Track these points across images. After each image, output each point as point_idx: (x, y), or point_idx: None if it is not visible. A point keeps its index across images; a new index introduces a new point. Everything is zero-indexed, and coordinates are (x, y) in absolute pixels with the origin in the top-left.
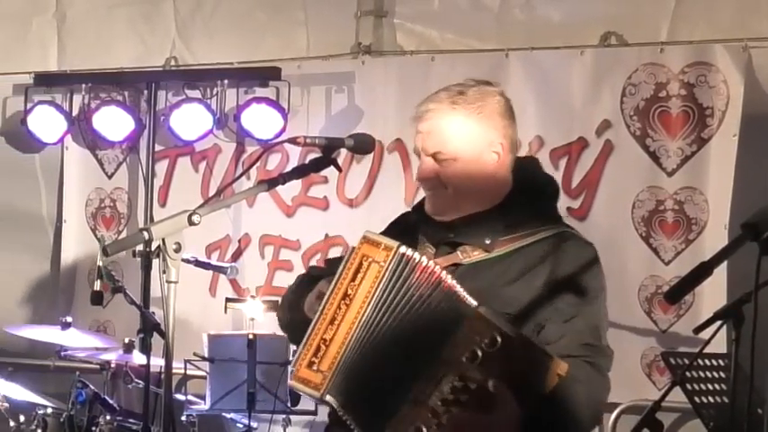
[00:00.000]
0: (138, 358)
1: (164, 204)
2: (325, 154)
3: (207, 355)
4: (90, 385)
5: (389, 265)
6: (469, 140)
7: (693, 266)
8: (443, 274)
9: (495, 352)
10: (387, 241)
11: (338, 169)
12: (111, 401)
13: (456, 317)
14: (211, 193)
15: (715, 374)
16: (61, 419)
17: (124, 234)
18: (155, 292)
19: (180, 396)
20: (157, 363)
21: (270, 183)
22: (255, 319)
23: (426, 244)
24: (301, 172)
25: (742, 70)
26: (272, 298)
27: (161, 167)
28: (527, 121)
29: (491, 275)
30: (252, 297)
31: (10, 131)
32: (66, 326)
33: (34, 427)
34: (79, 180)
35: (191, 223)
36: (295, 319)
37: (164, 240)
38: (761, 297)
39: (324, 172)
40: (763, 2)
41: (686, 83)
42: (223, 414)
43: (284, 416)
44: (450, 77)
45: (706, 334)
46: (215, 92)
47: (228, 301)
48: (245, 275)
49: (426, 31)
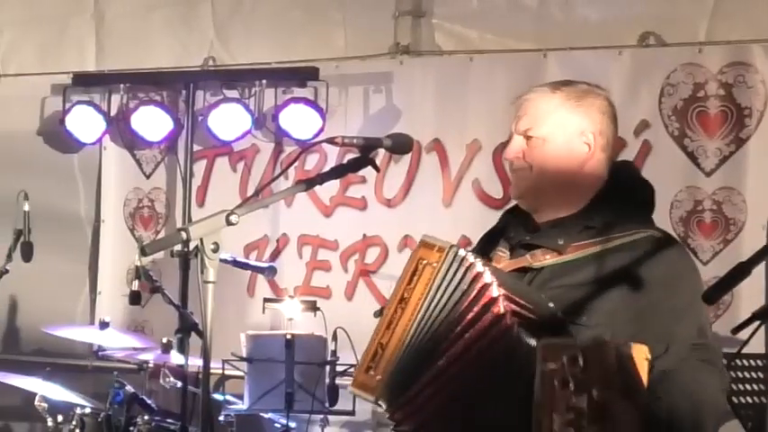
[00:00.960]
0: (176, 358)
1: (202, 204)
2: (363, 154)
3: (245, 355)
4: (128, 385)
5: (442, 266)
6: (561, 124)
7: (731, 267)
8: (487, 281)
9: (582, 368)
10: (441, 243)
11: (376, 169)
12: (148, 401)
13: (523, 354)
14: (249, 193)
15: (753, 375)
16: (99, 419)
17: (162, 234)
18: (193, 292)
19: (218, 396)
20: (195, 363)
21: (308, 183)
22: (293, 319)
23: (500, 249)
24: (339, 172)
25: None
26: (310, 298)
27: (199, 167)
28: None
29: (567, 278)
30: (290, 297)
31: (48, 131)
32: (105, 326)
33: (72, 427)
34: (117, 180)
35: (229, 223)
36: None
37: (202, 240)
38: None
39: (362, 172)
40: None
41: (724, 83)
42: (261, 414)
43: (322, 416)
44: (489, 77)
45: (744, 334)
46: (253, 92)
47: (267, 301)
48: (283, 275)
49: (465, 32)
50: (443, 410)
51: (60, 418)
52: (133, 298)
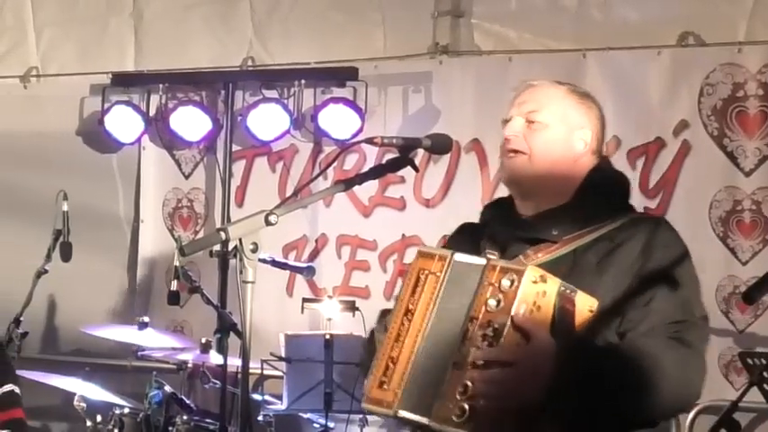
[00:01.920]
0: (215, 358)
1: (241, 204)
2: (403, 154)
3: (284, 355)
4: (167, 385)
5: (446, 275)
6: (564, 115)
7: None
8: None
9: (513, 290)
10: (440, 252)
11: (415, 169)
12: (187, 401)
13: (474, 278)
14: (288, 193)
15: None
16: (138, 419)
17: (201, 234)
18: (231, 292)
19: (257, 396)
20: (234, 363)
21: (347, 183)
22: (332, 319)
23: (488, 250)
24: (378, 172)
25: None
26: (349, 298)
27: (238, 167)
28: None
29: (562, 271)
30: (329, 297)
31: (88, 131)
32: (144, 326)
33: (111, 427)
34: (156, 180)
35: (268, 223)
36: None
37: (241, 240)
38: None
39: (401, 172)
40: None
41: (764, 83)
42: (300, 414)
43: (361, 416)
44: (528, 77)
45: None
46: (292, 92)
47: (305, 301)
48: (321, 275)
49: (504, 31)
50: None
51: (99, 418)
52: (172, 298)
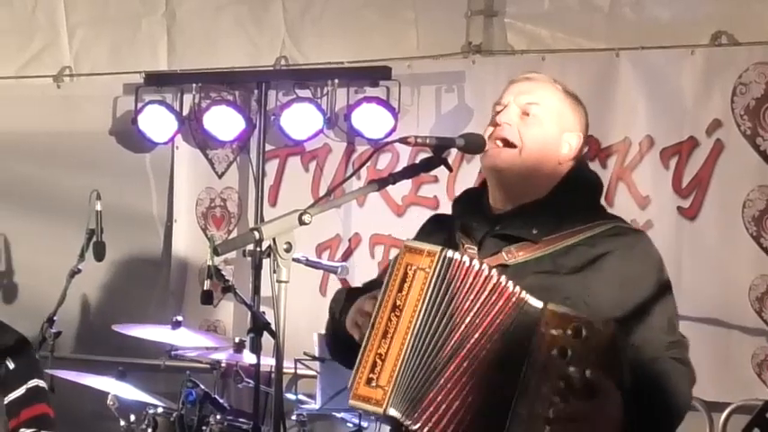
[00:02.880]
0: (249, 358)
1: (274, 204)
2: (436, 153)
3: (317, 355)
4: (200, 385)
5: (435, 271)
6: (560, 114)
7: None
8: (495, 274)
9: (583, 341)
10: (429, 247)
11: (449, 169)
12: (221, 401)
13: (526, 319)
14: (322, 192)
15: None
16: (171, 419)
17: (234, 234)
18: (265, 291)
19: (290, 395)
20: (268, 362)
21: (380, 182)
22: None
23: (466, 244)
24: (412, 171)
25: None
26: None
27: (271, 167)
28: (637, 120)
29: (539, 270)
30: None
31: (121, 131)
32: (177, 325)
33: (144, 427)
34: (189, 179)
35: (301, 223)
36: (338, 337)
37: (274, 240)
38: None
39: (434, 171)
40: None
41: None
42: (333, 413)
43: None
44: (561, 77)
45: None
46: (325, 91)
47: None
48: (355, 275)
49: (537, 31)
50: (470, 407)
51: (132, 417)
52: (205, 297)
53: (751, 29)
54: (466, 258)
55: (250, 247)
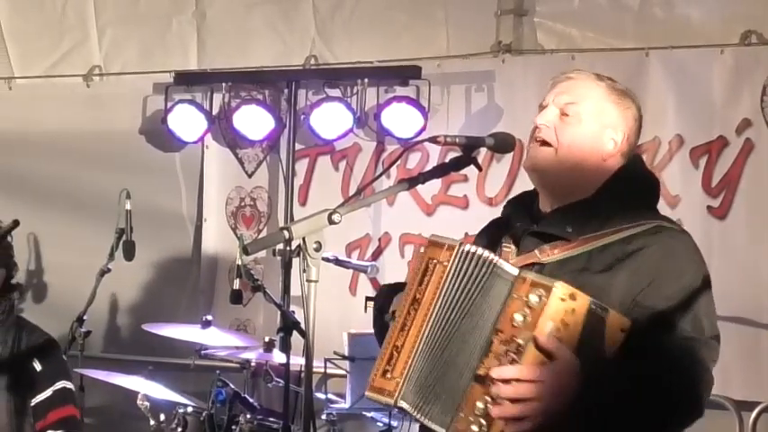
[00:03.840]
0: (279, 357)
1: (304, 203)
2: (466, 153)
3: (347, 354)
4: (230, 384)
5: (452, 265)
6: (599, 112)
7: None
8: (496, 258)
9: (540, 307)
10: (450, 241)
11: (478, 168)
12: (251, 400)
13: (502, 287)
14: (351, 191)
15: None
16: (201, 418)
17: (264, 233)
18: (295, 290)
19: (320, 395)
20: (297, 361)
21: (410, 182)
22: None
23: (505, 243)
24: (441, 171)
25: None
26: None
27: (301, 166)
28: (667, 119)
29: (574, 270)
30: None
31: (151, 130)
32: (207, 324)
33: (174, 426)
34: (219, 179)
35: (331, 222)
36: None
37: (304, 239)
38: None
39: (464, 171)
40: None
41: None
42: (363, 413)
43: None
44: None
45: None
46: (355, 90)
47: (369, 299)
48: (385, 274)
49: (566, 30)
50: (434, 366)
51: (162, 417)
52: (235, 297)
53: None
54: (482, 252)
55: (280, 247)
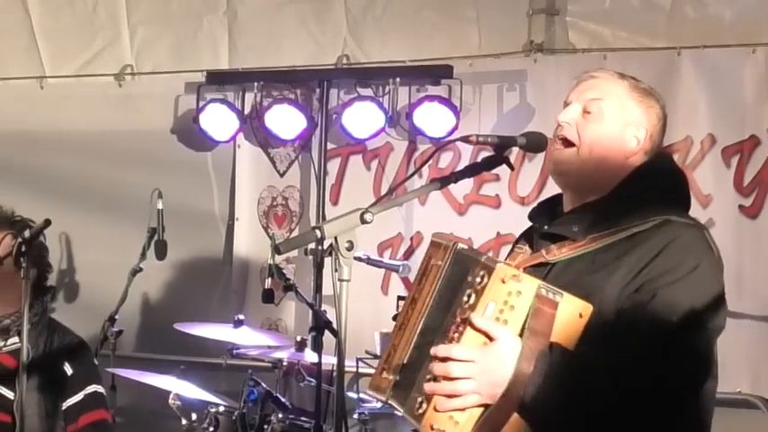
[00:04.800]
0: (310, 356)
1: (336, 203)
2: (498, 152)
3: (379, 353)
4: (262, 383)
5: (446, 264)
6: (622, 109)
7: None
8: (486, 257)
9: (482, 287)
10: (446, 242)
11: (510, 167)
12: (283, 400)
13: (462, 272)
14: (383, 191)
15: None
16: (233, 417)
17: (296, 232)
18: (327, 290)
19: (352, 394)
20: (329, 361)
21: (442, 181)
22: None
23: (518, 245)
24: (473, 170)
25: None
26: None
27: (333, 166)
28: (699, 118)
29: (580, 269)
30: None
31: (182, 130)
32: (239, 324)
33: (206, 425)
34: (251, 178)
35: (363, 221)
36: None
37: (336, 239)
38: None
39: (496, 170)
40: None
41: None
42: (395, 412)
43: None
44: None
45: None
46: (387, 90)
47: (401, 299)
48: (416, 273)
49: (598, 29)
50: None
51: (194, 416)
52: (266, 296)
53: None
54: (472, 251)
55: (312, 246)
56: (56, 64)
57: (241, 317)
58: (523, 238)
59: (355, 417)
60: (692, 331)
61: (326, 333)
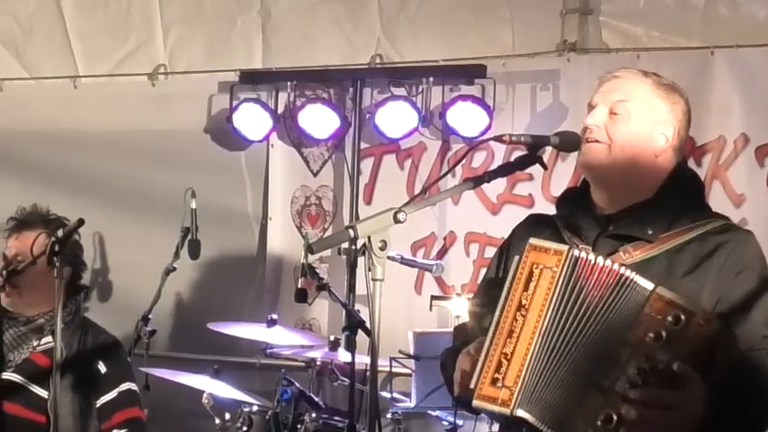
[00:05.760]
0: (344, 356)
1: (369, 202)
2: (531, 152)
3: (412, 353)
4: (295, 383)
5: (563, 270)
6: (649, 107)
7: None
8: (621, 268)
9: (679, 330)
10: (556, 246)
11: (544, 167)
12: (316, 399)
13: (636, 301)
14: (416, 190)
15: None
16: (266, 417)
17: (329, 232)
18: (360, 289)
19: (385, 394)
20: (363, 360)
21: (475, 181)
22: (461, 316)
23: (580, 245)
24: (507, 170)
25: None
26: None
27: (366, 165)
28: (732, 118)
29: (659, 271)
30: (457, 295)
31: (216, 129)
32: (272, 323)
33: (240, 425)
34: (285, 178)
35: (396, 221)
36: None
37: (369, 238)
38: None
39: (529, 170)
40: None
41: None
42: (428, 411)
43: None
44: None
45: None
46: (420, 89)
47: (434, 298)
48: (450, 273)
49: (632, 29)
50: (553, 375)
51: (228, 416)
52: (299, 296)
53: None
54: (592, 256)
55: (345, 246)
56: (89, 64)
57: (274, 316)
58: (567, 231)
59: (388, 416)
60: None
61: (360, 332)
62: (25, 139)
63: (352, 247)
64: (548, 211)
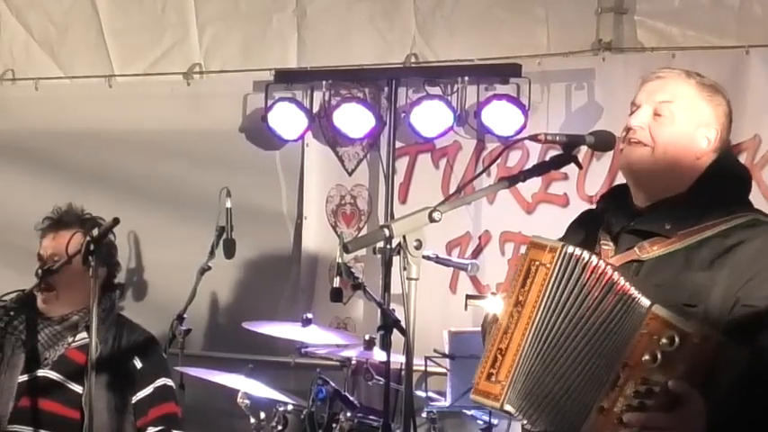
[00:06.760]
0: (379, 355)
1: (404, 201)
2: (566, 151)
3: (447, 352)
4: (330, 382)
5: (556, 267)
6: (693, 110)
7: None
8: (615, 274)
9: (674, 351)
10: (552, 243)
11: (579, 166)
12: (351, 398)
13: (632, 319)
14: (452, 190)
15: None
16: (302, 416)
17: (364, 231)
18: (395, 288)
19: (420, 393)
20: (398, 359)
21: (510, 180)
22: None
23: (603, 240)
24: (542, 169)
25: None
26: None
27: (401, 164)
28: (767, 118)
29: (674, 267)
30: (492, 294)
31: (250, 128)
32: (307, 322)
33: (275, 424)
34: (319, 177)
35: (431, 220)
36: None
37: (404, 237)
38: None
39: (564, 169)
40: None
41: None
42: (464, 411)
43: None
44: None
45: None
46: (455, 89)
47: (469, 297)
48: (485, 272)
49: (667, 28)
50: (540, 371)
51: (263, 415)
52: (335, 295)
53: None
54: (585, 254)
55: (380, 245)
56: (124, 63)
57: (309, 315)
58: (604, 232)
59: (423, 415)
60: None
61: (395, 332)
62: (60, 138)
63: (388, 247)
64: (581, 210)
